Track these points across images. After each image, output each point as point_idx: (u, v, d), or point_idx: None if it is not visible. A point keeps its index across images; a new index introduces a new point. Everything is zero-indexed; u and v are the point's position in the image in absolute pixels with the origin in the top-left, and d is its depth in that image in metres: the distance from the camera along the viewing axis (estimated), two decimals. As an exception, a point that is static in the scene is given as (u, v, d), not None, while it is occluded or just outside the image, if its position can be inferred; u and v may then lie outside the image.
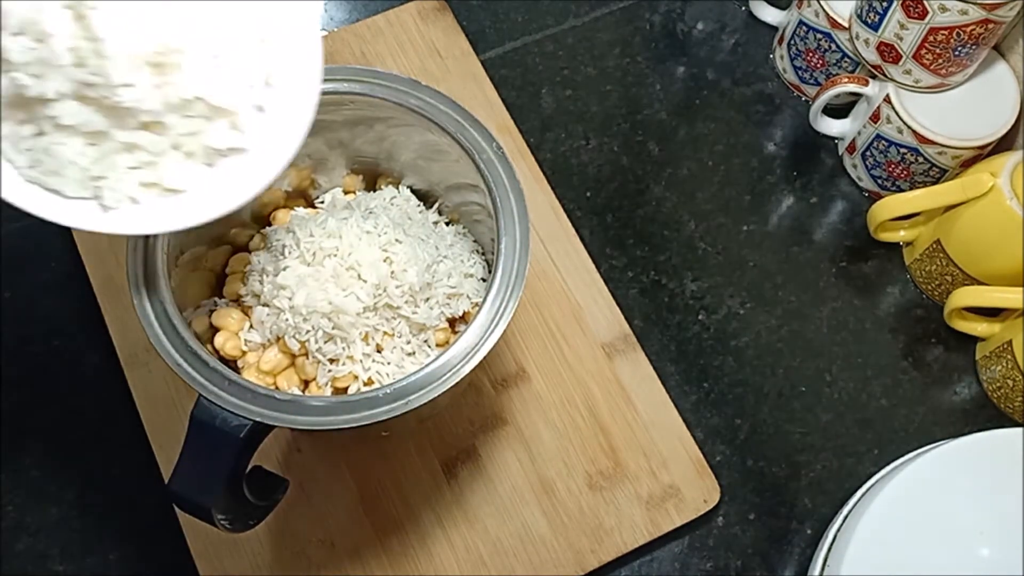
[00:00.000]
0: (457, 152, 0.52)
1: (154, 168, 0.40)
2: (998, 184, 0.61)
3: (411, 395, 0.45)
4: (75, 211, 0.39)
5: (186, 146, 0.40)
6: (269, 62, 0.41)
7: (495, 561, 0.59)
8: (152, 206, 0.41)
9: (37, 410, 0.64)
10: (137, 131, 0.39)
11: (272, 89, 0.42)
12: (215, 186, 0.41)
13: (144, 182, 0.40)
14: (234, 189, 0.41)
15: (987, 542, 0.54)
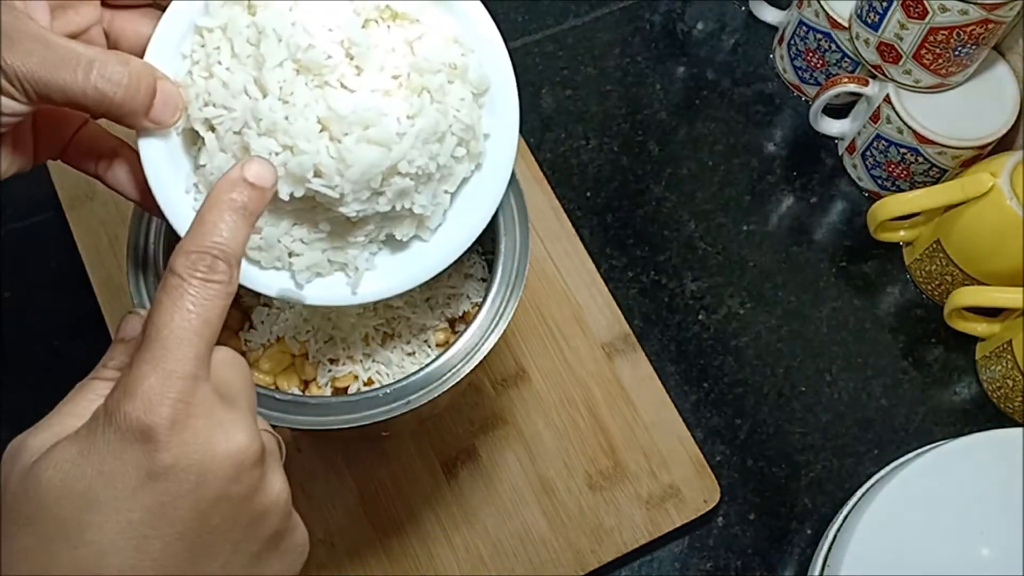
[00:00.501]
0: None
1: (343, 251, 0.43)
2: (998, 184, 0.61)
3: (411, 395, 0.45)
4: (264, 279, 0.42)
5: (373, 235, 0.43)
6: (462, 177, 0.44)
7: (495, 561, 0.59)
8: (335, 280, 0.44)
9: (37, 410, 0.64)
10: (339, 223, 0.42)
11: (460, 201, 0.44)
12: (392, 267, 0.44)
13: (333, 260, 0.43)
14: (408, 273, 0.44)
15: (987, 542, 0.54)
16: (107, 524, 0.29)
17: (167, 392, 0.29)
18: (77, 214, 0.67)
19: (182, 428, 0.29)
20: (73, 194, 0.67)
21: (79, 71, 0.35)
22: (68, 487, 0.29)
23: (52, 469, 0.29)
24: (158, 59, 0.38)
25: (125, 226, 0.48)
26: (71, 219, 0.67)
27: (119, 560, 0.28)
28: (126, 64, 0.36)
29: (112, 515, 0.29)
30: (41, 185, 0.69)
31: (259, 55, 0.37)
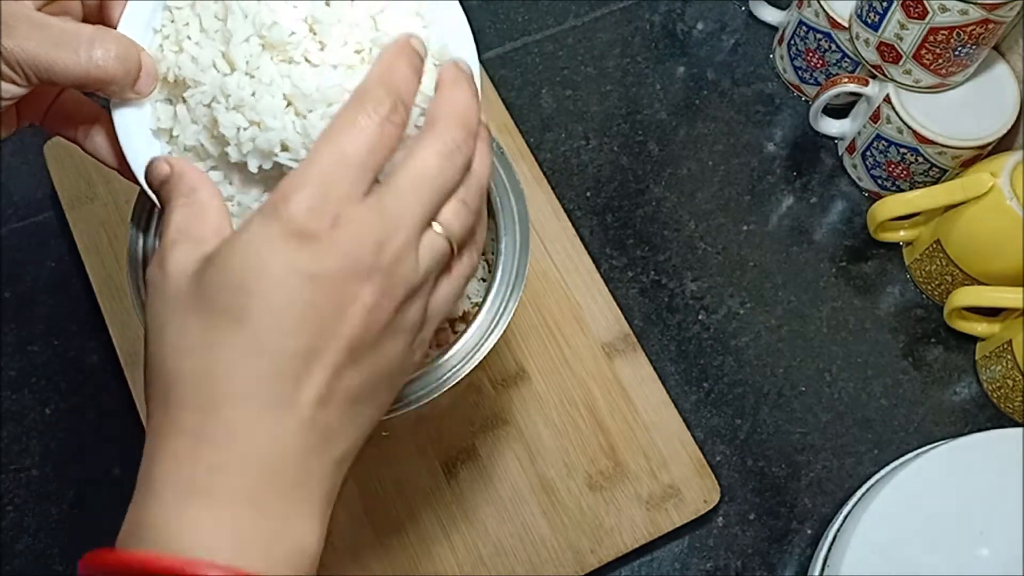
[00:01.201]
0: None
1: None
2: (998, 184, 0.61)
3: (411, 395, 0.45)
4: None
5: None
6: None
7: (495, 561, 0.59)
8: None
9: (37, 410, 0.64)
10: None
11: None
12: None
13: None
14: None
15: (987, 542, 0.54)
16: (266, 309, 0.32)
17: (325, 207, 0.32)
18: (77, 214, 0.67)
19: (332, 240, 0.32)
20: (73, 194, 0.68)
21: (80, 50, 0.36)
22: (232, 279, 0.32)
23: (216, 266, 0.33)
24: (131, 32, 0.39)
25: (125, 226, 0.48)
26: (71, 219, 0.67)
27: (277, 342, 0.32)
28: (118, 40, 0.37)
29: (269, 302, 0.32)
30: (41, 185, 0.69)
31: (226, 30, 0.38)
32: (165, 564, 0.30)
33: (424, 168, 0.35)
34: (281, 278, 0.32)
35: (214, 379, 0.32)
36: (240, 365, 0.32)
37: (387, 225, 0.34)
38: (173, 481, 0.32)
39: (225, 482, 0.32)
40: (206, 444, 0.32)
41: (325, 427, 0.33)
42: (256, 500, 0.32)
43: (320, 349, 0.32)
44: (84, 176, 0.68)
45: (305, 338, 0.32)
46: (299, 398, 0.32)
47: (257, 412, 0.32)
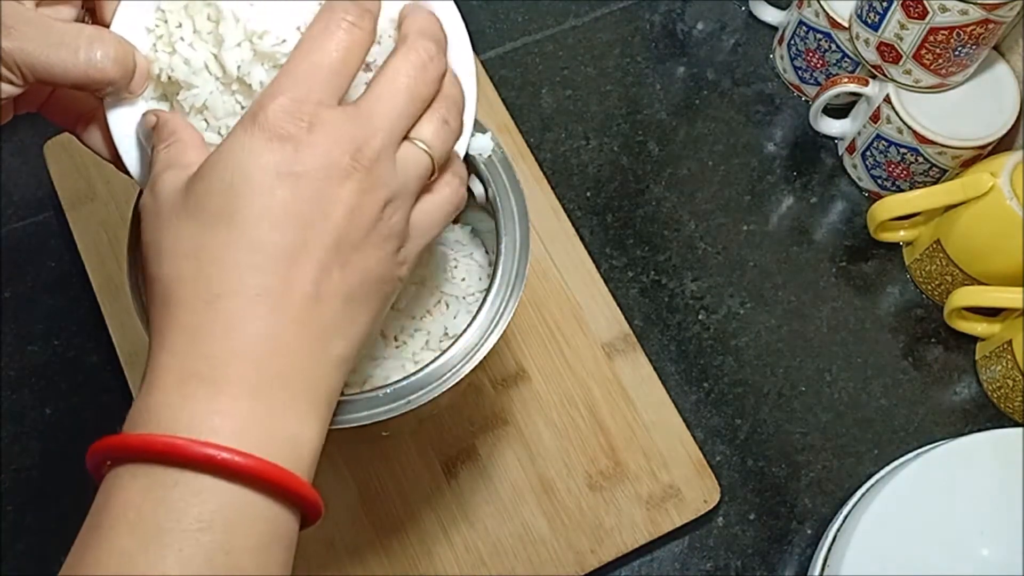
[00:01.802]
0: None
1: None
2: (998, 184, 0.61)
3: (411, 395, 0.45)
4: None
5: None
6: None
7: (495, 561, 0.59)
8: None
9: (37, 410, 0.64)
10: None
11: None
12: None
13: None
14: None
15: (987, 542, 0.54)
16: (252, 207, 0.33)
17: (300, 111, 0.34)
18: (77, 214, 0.67)
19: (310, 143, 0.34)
20: (73, 194, 0.68)
21: (80, 52, 0.37)
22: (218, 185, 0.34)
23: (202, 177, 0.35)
24: (124, 32, 0.39)
25: (125, 226, 0.48)
26: (71, 219, 0.67)
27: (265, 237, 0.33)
28: (116, 41, 0.37)
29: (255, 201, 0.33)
30: (41, 185, 0.69)
31: (218, 34, 0.38)
32: (165, 443, 0.32)
33: (398, 77, 0.37)
34: (263, 178, 0.34)
35: (207, 276, 0.34)
36: (231, 261, 0.34)
37: (363, 128, 0.35)
38: (173, 371, 0.33)
39: (222, 370, 0.33)
40: (203, 336, 0.33)
41: (319, 324, 0.35)
42: (254, 390, 0.33)
43: (307, 244, 0.34)
44: (84, 176, 0.68)
45: (291, 233, 0.34)
46: (290, 291, 0.34)
47: (250, 304, 0.33)
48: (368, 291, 0.36)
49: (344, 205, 0.35)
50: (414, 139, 0.37)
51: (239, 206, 0.34)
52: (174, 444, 0.31)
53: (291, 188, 0.34)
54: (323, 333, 0.35)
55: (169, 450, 0.31)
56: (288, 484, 0.33)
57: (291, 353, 0.34)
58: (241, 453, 0.32)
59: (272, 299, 0.34)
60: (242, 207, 0.34)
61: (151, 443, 0.32)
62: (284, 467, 0.33)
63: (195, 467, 0.31)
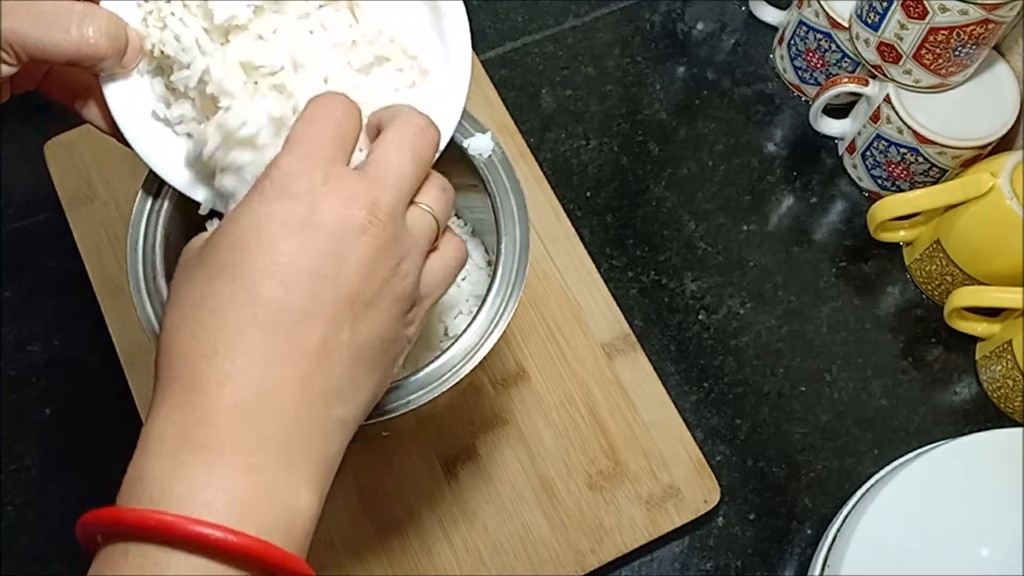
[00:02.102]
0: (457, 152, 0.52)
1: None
2: (998, 184, 0.61)
3: (411, 395, 0.45)
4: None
5: None
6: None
7: (495, 561, 0.59)
8: None
9: (37, 410, 0.64)
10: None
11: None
12: None
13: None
14: None
15: (987, 542, 0.54)
16: (257, 260, 0.33)
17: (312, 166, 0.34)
18: (77, 214, 0.67)
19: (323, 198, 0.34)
20: (73, 194, 0.68)
21: (72, 28, 0.37)
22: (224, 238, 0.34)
23: (219, 231, 0.35)
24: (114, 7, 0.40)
25: (125, 226, 0.48)
26: (71, 219, 0.67)
27: (269, 293, 0.33)
28: (107, 16, 0.38)
29: (260, 255, 0.33)
30: (41, 185, 0.69)
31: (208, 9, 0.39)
32: (159, 520, 0.30)
33: (402, 141, 0.37)
34: (272, 231, 0.33)
35: (207, 329, 0.33)
36: (233, 315, 0.33)
37: (376, 187, 0.35)
38: (168, 435, 0.32)
39: (215, 434, 0.32)
40: (198, 393, 0.32)
41: (323, 385, 0.34)
42: (248, 455, 0.32)
43: (316, 299, 0.33)
44: (84, 176, 0.68)
45: (299, 288, 0.33)
46: (294, 349, 0.33)
47: (248, 361, 0.32)
48: (377, 353, 0.36)
49: (359, 259, 0.34)
50: (419, 203, 0.37)
51: (247, 260, 0.33)
52: (167, 522, 0.30)
53: (303, 241, 0.33)
54: (326, 395, 0.34)
55: (163, 528, 0.30)
56: (283, 564, 0.32)
57: (289, 416, 0.33)
58: (235, 532, 0.31)
59: (271, 358, 0.33)
60: (250, 260, 0.33)
61: (144, 521, 0.31)
62: (279, 545, 0.32)
63: (188, 547, 0.31)
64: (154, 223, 0.48)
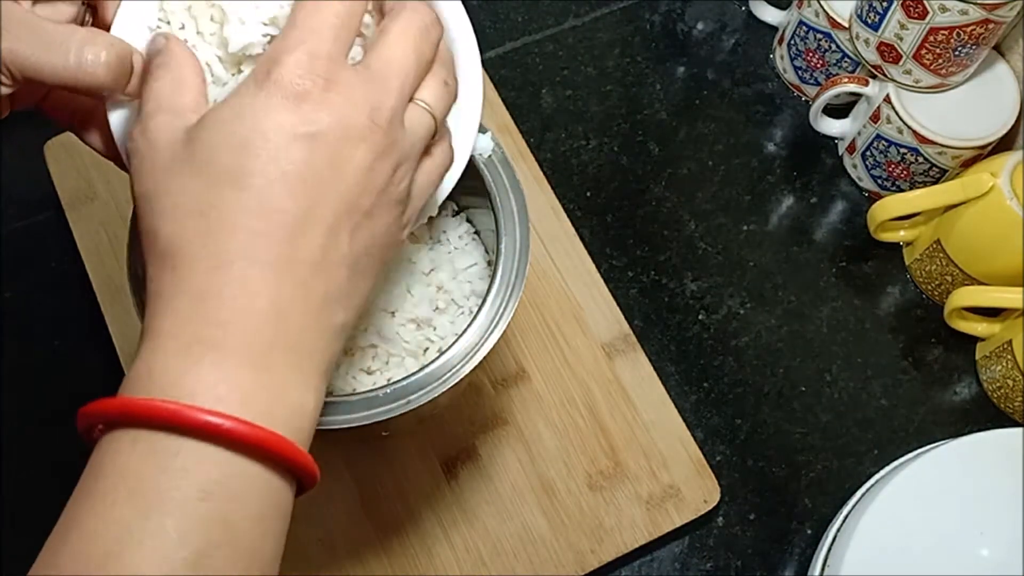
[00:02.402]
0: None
1: None
2: (998, 184, 0.61)
3: (411, 395, 0.45)
4: None
5: None
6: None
7: (495, 561, 0.59)
8: None
9: (37, 410, 0.64)
10: None
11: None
12: None
13: None
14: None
15: (987, 542, 0.54)
16: (267, 170, 0.33)
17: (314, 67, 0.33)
18: (77, 214, 0.67)
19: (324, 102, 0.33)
20: (73, 194, 0.68)
21: (70, 55, 0.36)
22: (229, 141, 0.33)
23: (210, 130, 0.33)
24: (125, 32, 0.39)
25: (125, 226, 0.48)
26: (71, 219, 0.67)
27: (278, 203, 0.33)
28: (111, 44, 0.37)
29: (270, 164, 0.33)
30: (41, 185, 0.69)
31: (223, 37, 0.38)
32: (170, 410, 0.31)
33: (404, 38, 0.36)
34: (280, 139, 0.33)
35: (216, 239, 0.33)
36: (243, 225, 0.33)
37: (377, 89, 0.35)
38: (177, 336, 0.33)
39: (229, 337, 0.32)
40: (212, 300, 0.33)
41: (324, 292, 0.34)
42: (258, 358, 0.33)
43: (317, 208, 0.33)
44: (84, 176, 0.68)
45: (304, 199, 0.33)
46: (296, 259, 0.33)
47: (260, 271, 0.33)
48: (373, 258, 0.36)
49: (358, 168, 0.34)
50: (418, 101, 0.37)
51: (253, 168, 0.33)
52: (179, 412, 0.31)
53: (307, 150, 0.33)
54: (328, 302, 0.34)
55: (173, 417, 0.31)
56: (291, 456, 0.33)
57: (296, 322, 0.34)
58: (246, 423, 0.31)
59: (280, 267, 0.33)
60: (257, 169, 0.33)
61: (155, 409, 0.31)
62: (287, 438, 0.32)
63: (199, 435, 0.31)
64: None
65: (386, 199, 0.36)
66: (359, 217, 0.35)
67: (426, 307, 0.52)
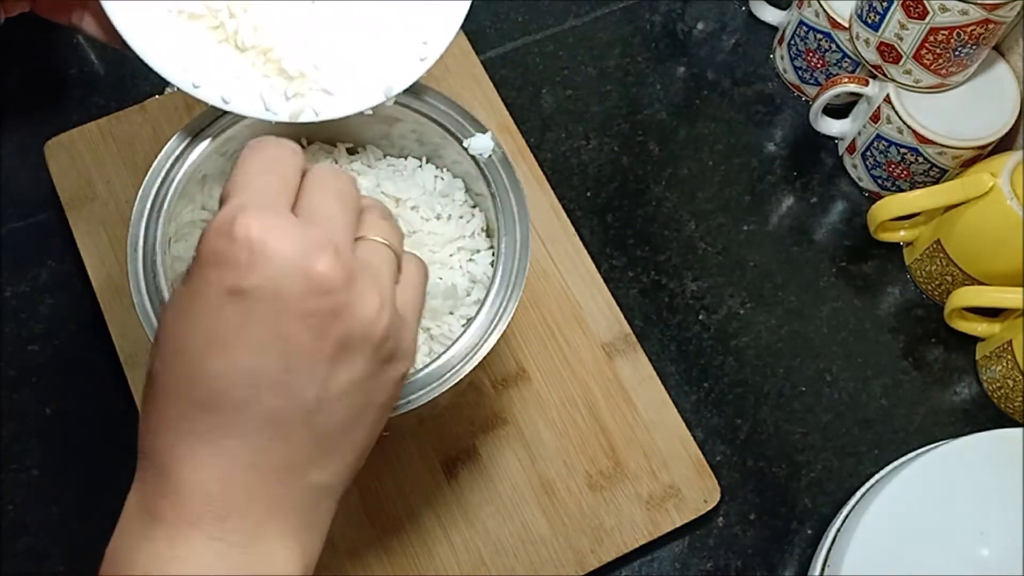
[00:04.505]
0: (457, 152, 0.52)
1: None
2: (998, 184, 0.61)
3: (411, 395, 0.45)
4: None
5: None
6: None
7: (495, 561, 0.59)
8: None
9: (37, 410, 0.64)
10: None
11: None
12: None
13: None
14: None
15: (987, 542, 0.54)
16: (198, 335, 0.32)
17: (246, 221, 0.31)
18: (77, 214, 0.67)
19: (258, 253, 0.31)
20: (73, 194, 0.68)
21: None
22: (171, 309, 0.33)
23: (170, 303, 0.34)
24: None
25: (125, 226, 0.48)
26: (71, 219, 0.67)
27: (212, 366, 0.32)
28: None
29: (200, 328, 0.32)
30: (41, 185, 0.69)
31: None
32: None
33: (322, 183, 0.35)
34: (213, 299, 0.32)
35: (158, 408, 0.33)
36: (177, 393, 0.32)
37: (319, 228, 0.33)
38: (137, 511, 0.33)
39: (178, 510, 0.32)
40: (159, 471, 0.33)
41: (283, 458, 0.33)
42: (211, 528, 0.32)
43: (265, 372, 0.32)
44: (84, 176, 0.68)
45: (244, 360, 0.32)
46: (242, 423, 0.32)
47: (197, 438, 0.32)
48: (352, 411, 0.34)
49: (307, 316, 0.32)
50: (367, 236, 0.36)
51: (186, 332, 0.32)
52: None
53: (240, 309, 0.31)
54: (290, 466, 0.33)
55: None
56: None
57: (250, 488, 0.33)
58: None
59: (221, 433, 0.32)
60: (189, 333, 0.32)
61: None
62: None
63: None
64: (154, 223, 0.49)
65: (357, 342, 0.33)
66: (324, 369, 0.32)
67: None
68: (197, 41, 0.46)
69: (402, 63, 0.47)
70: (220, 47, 0.46)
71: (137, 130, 0.69)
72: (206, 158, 0.50)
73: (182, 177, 0.50)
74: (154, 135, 0.69)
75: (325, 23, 0.46)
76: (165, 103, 0.71)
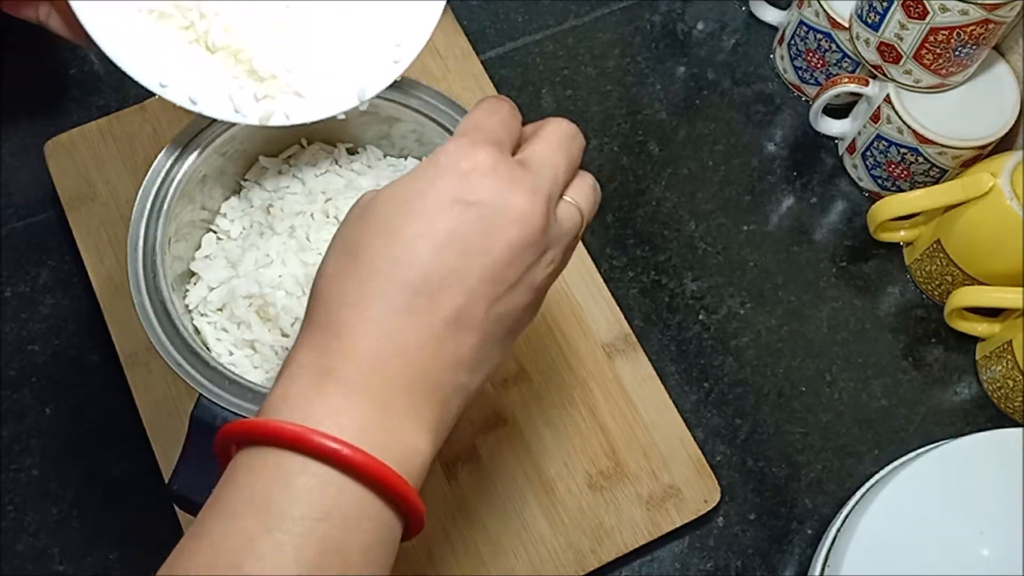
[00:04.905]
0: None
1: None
2: (998, 184, 0.61)
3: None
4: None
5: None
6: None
7: (495, 561, 0.59)
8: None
9: (37, 410, 0.64)
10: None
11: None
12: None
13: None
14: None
15: (987, 542, 0.54)
16: (414, 226, 0.36)
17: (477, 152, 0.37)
18: (77, 214, 0.67)
19: (490, 178, 0.36)
20: (73, 194, 0.68)
21: None
22: (391, 199, 0.37)
23: (384, 193, 0.37)
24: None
25: (125, 226, 0.48)
26: (71, 219, 0.67)
27: (421, 256, 0.35)
28: None
29: (422, 221, 0.36)
30: (41, 185, 0.69)
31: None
32: (296, 432, 0.33)
33: (557, 139, 0.40)
34: (436, 200, 0.36)
35: (354, 279, 0.36)
36: (385, 272, 0.35)
37: (534, 178, 0.37)
38: (312, 367, 0.35)
39: (356, 374, 0.35)
40: (345, 338, 0.35)
41: (453, 352, 0.36)
42: (381, 397, 0.35)
43: (461, 271, 0.35)
44: (84, 176, 0.68)
45: (451, 258, 0.35)
46: (433, 311, 0.35)
47: (394, 316, 0.35)
48: (506, 331, 0.38)
49: (510, 244, 0.36)
50: (568, 198, 0.40)
51: (407, 223, 0.36)
52: (303, 434, 0.33)
53: (461, 216, 0.36)
54: (455, 361, 0.36)
55: (297, 439, 0.33)
56: (401, 491, 0.34)
57: (420, 372, 0.35)
58: (363, 453, 0.33)
59: (413, 316, 0.35)
60: (410, 224, 0.35)
61: (281, 430, 0.33)
62: (399, 473, 0.34)
63: (321, 458, 0.33)
64: (154, 223, 0.49)
65: (530, 279, 0.38)
66: (501, 289, 0.36)
67: None
68: (166, 41, 0.46)
69: (376, 66, 0.47)
70: (190, 47, 0.46)
71: (137, 130, 0.69)
72: (206, 158, 0.50)
73: (182, 177, 0.50)
74: (154, 135, 0.69)
75: (297, 25, 0.46)
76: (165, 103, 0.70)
